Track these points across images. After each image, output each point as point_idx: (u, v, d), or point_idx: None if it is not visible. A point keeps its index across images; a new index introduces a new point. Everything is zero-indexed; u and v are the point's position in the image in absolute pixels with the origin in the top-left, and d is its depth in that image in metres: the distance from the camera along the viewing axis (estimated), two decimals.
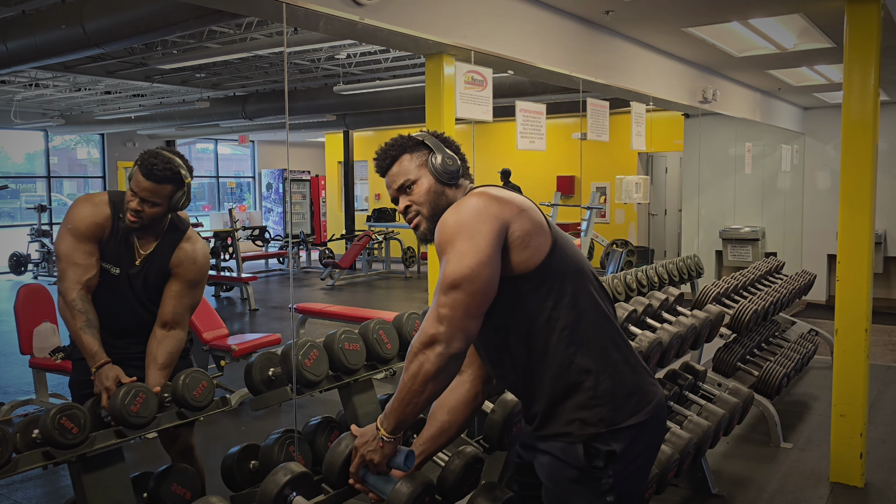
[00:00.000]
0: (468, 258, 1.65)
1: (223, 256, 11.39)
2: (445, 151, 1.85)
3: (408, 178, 1.84)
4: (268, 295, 10.64)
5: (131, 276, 2.60)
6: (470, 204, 1.71)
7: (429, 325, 1.67)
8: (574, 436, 1.72)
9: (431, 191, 1.83)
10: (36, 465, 2.08)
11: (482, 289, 1.66)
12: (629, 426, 1.73)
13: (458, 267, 1.65)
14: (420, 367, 1.68)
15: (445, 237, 1.69)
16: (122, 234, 2.57)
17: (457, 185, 1.87)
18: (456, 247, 1.66)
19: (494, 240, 1.67)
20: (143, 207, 2.47)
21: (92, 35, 5.33)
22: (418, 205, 1.84)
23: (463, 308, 1.65)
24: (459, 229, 1.68)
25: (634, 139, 5.46)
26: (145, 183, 2.44)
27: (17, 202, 14.84)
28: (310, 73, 9.40)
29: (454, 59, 3.82)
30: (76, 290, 2.46)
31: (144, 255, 2.60)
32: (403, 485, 2.11)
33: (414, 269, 12.78)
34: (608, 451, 1.71)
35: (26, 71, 8.86)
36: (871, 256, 3.71)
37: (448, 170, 1.83)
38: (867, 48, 3.61)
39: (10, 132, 13.77)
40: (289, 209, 16.28)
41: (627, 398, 1.75)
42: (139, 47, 7.46)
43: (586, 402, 1.72)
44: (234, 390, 5.09)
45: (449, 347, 1.65)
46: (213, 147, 17.70)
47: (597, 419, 1.71)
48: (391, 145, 1.87)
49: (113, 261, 2.57)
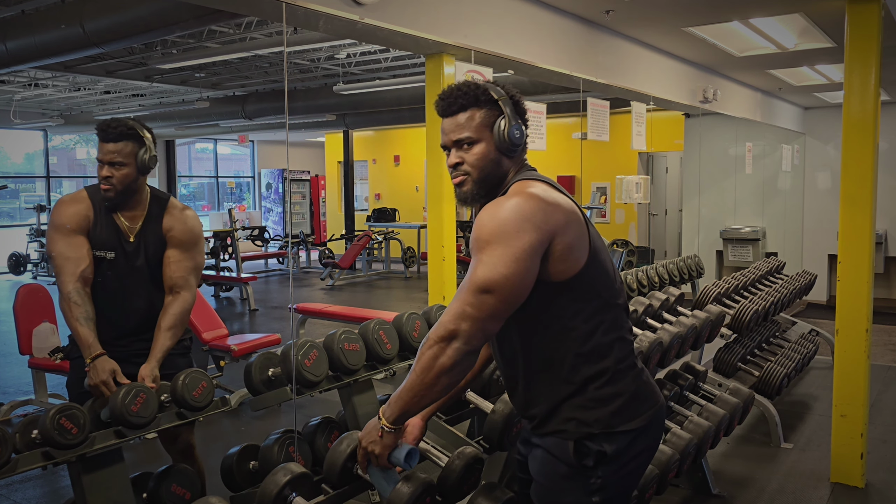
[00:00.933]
0: (503, 266, 1.60)
1: (223, 256, 11.39)
2: (515, 118, 1.76)
3: (469, 135, 1.74)
4: (267, 295, 10.63)
5: (129, 255, 2.61)
6: (516, 206, 1.64)
7: (450, 321, 1.63)
8: (568, 433, 1.72)
9: (488, 157, 1.75)
10: (35, 466, 2.07)
11: (512, 297, 1.63)
12: (624, 431, 1.72)
13: (492, 273, 1.61)
14: (434, 359, 1.63)
15: (484, 236, 1.64)
16: (106, 219, 2.59)
17: (515, 156, 1.78)
18: (493, 250, 1.62)
19: (534, 251, 1.63)
20: (113, 172, 2.52)
21: (91, 35, 5.32)
22: (470, 166, 1.75)
23: (489, 311, 1.62)
24: (500, 232, 1.62)
25: (635, 139, 5.45)
26: (107, 146, 2.50)
27: (16, 202, 14.84)
28: (309, 73, 9.39)
29: (454, 58, 3.82)
30: (72, 283, 2.49)
31: (137, 230, 2.62)
32: (404, 485, 2.10)
33: (414, 269, 12.78)
34: (599, 451, 1.71)
35: (26, 71, 8.85)
36: (871, 256, 3.70)
37: (514, 141, 1.74)
38: (868, 48, 3.61)
39: (9, 132, 13.76)
40: (288, 209, 16.27)
41: (626, 404, 1.74)
42: (139, 47, 7.45)
43: (585, 403, 1.72)
44: (233, 390, 5.08)
45: (468, 344, 1.62)
46: (212, 147, 17.68)
47: (592, 420, 1.71)
48: (463, 92, 1.75)
49: (105, 246, 2.58)
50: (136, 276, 2.63)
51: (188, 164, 17.68)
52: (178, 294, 2.65)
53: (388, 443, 1.74)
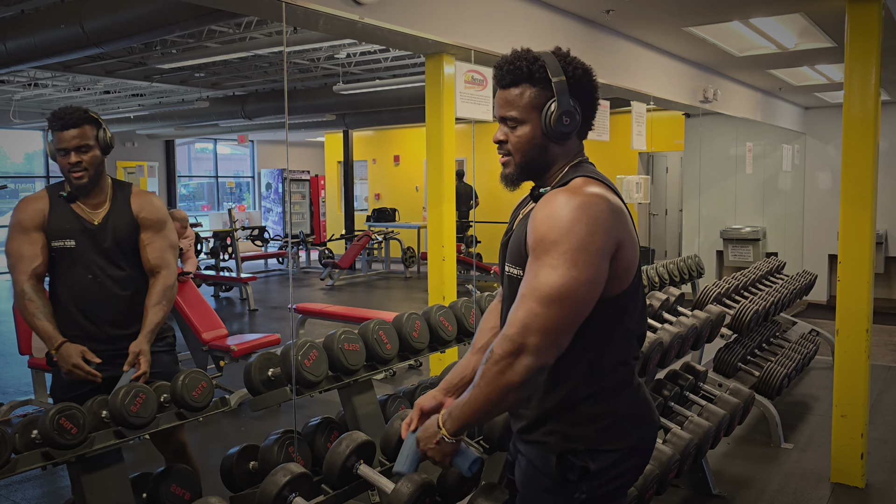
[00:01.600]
0: (576, 270, 1.46)
1: (222, 256, 11.38)
2: (569, 104, 1.58)
3: (515, 114, 1.61)
4: (267, 295, 10.63)
5: (96, 239, 2.58)
6: (583, 205, 1.50)
7: (516, 333, 1.48)
8: (551, 446, 1.65)
9: (533, 142, 1.62)
10: (35, 466, 2.07)
11: (584, 305, 1.50)
12: (610, 450, 1.64)
13: (566, 279, 1.46)
14: (501, 375, 1.48)
15: (549, 237, 1.49)
16: (64, 210, 2.57)
17: (565, 143, 1.64)
18: (565, 253, 1.47)
19: (606, 256, 1.51)
20: (80, 157, 2.52)
21: (91, 34, 5.32)
22: (513, 147, 1.64)
23: (559, 323, 1.48)
24: (568, 232, 1.47)
25: (635, 139, 5.45)
26: (69, 133, 2.51)
27: (16, 202, 14.81)
28: (309, 73, 9.39)
29: (454, 58, 3.82)
30: (25, 281, 2.50)
31: (104, 215, 2.60)
32: (404, 485, 2.10)
33: (414, 269, 12.77)
34: (582, 467, 1.62)
35: (25, 70, 8.85)
36: (872, 256, 3.70)
37: (561, 130, 1.59)
38: (868, 48, 3.60)
39: (9, 132, 13.76)
40: (288, 209, 16.27)
41: (615, 423, 1.65)
42: (138, 47, 7.44)
43: (574, 419, 1.64)
44: (233, 391, 5.08)
45: (538, 360, 1.48)
46: (212, 147, 17.68)
47: (578, 437, 1.63)
48: (517, 65, 1.60)
49: (64, 236, 2.56)
50: (104, 259, 2.59)
51: (188, 164, 17.67)
52: (159, 274, 2.67)
53: (447, 451, 1.62)
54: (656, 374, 3.58)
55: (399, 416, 2.41)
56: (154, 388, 2.36)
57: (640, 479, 2.65)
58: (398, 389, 3.11)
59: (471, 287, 10.10)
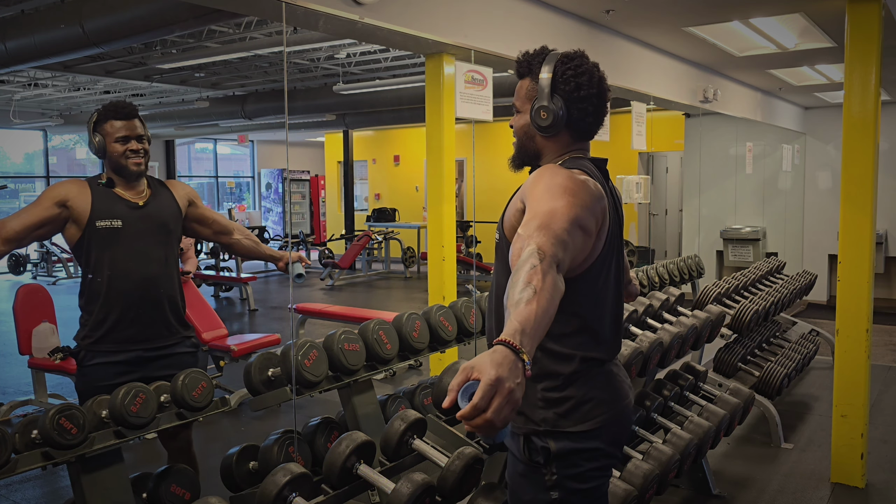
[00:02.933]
0: (567, 200, 1.53)
1: (222, 256, 11.38)
2: (549, 101, 1.69)
3: (516, 103, 1.78)
4: (267, 295, 10.63)
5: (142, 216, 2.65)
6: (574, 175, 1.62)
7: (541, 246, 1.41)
8: (516, 426, 1.71)
9: (524, 129, 1.77)
10: (35, 466, 2.07)
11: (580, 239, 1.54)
12: (572, 432, 1.68)
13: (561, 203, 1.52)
14: (555, 286, 1.36)
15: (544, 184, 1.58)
16: (107, 193, 2.63)
17: (552, 137, 1.74)
18: (554, 194, 1.54)
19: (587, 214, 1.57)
20: (141, 146, 2.64)
21: (91, 35, 5.32)
22: (514, 132, 1.79)
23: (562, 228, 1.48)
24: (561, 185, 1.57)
25: (635, 139, 5.45)
26: (133, 122, 2.62)
27: (16, 202, 14.83)
28: (309, 73, 9.39)
29: (454, 58, 3.82)
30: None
31: (146, 198, 2.69)
32: (404, 485, 2.10)
33: (414, 269, 12.77)
34: (543, 448, 1.68)
35: (25, 70, 8.85)
36: (872, 256, 3.70)
37: (538, 122, 1.71)
38: (868, 48, 3.60)
39: (9, 132, 13.76)
40: (288, 209, 16.28)
41: (576, 407, 1.68)
42: (138, 47, 7.44)
43: (533, 401, 1.69)
44: (233, 391, 5.08)
45: (561, 270, 1.43)
46: (212, 147, 17.68)
47: (539, 419, 1.69)
48: (526, 60, 1.75)
49: (111, 216, 2.61)
50: (150, 237, 2.66)
51: (188, 163, 17.67)
52: (233, 230, 2.96)
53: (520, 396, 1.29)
54: (656, 374, 3.58)
55: (399, 416, 2.41)
56: (154, 388, 2.36)
57: (640, 479, 2.65)
58: (398, 389, 3.11)
59: (471, 287, 10.10)
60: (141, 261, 2.63)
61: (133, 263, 2.61)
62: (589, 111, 1.71)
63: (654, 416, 3.21)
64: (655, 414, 3.22)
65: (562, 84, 1.68)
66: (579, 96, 1.69)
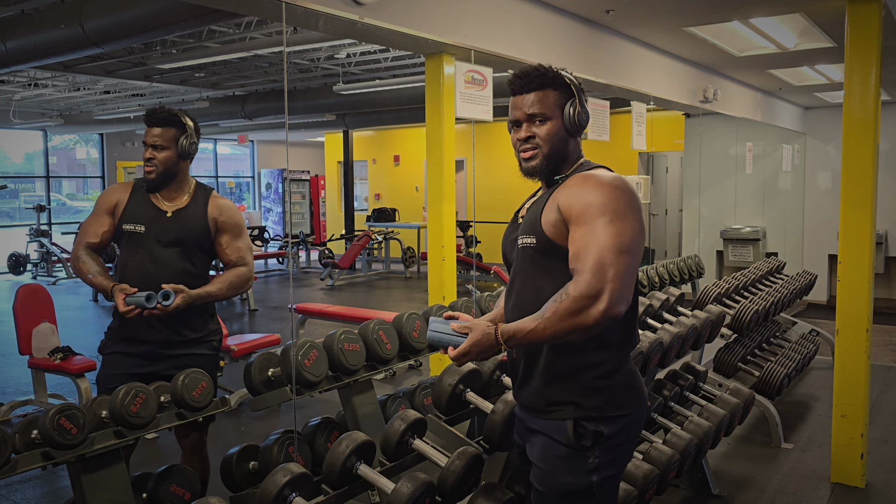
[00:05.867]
0: (631, 223, 1.71)
1: None
2: (584, 104, 1.88)
3: (543, 111, 1.85)
4: (267, 295, 10.63)
5: (164, 228, 2.70)
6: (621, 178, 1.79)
7: (594, 278, 1.66)
8: (566, 413, 1.81)
9: (558, 135, 1.86)
10: (35, 466, 2.07)
11: (640, 259, 1.74)
12: (618, 416, 1.82)
13: (628, 230, 1.70)
14: (576, 315, 1.66)
15: (603, 199, 1.72)
16: (143, 197, 2.74)
17: (577, 138, 1.91)
18: (616, 211, 1.71)
19: (642, 215, 1.79)
20: (155, 154, 2.68)
21: (91, 35, 5.32)
22: (541, 140, 1.86)
23: (631, 271, 1.69)
24: (618, 197, 1.73)
25: (635, 139, 5.45)
26: (153, 130, 2.68)
27: (16, 202, 14.83)
28: (309, 73, 9.39)
29: (454, 58, 3.82)
30: (80, 248, 2.71)
31: (177, 209, 2.73)
32: (404, 485, 2.10)
33: (414, 269, 12.77)
34: (595, 432, 1.80)
35: (25, 70, 8.85)
36: (872, 256, 3.70)
37: (581, 122, 1.87)
38: (868, 48, 3.60)
39: (9, 132, 13.76)
40: (288, 209, 16.26)
41: (618, 393, 1.84)
42: (138, 47, 7.44)
43: (584, 391, 1.81)
44: (233, 391, 5.08)
45: (614, 307, 1.66)
46: (212, 147, 17.68)
47: (590, 405, 1.81)
48: (541, 73, 1.87)
49: (136, 220, 2.70)
50: (168, 248, 2.69)
51: None
52: (237, 266, 2.82)
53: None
54: (656, 374, 3.58)
55: (399, 416, 2.41)
56: (154, 388, 2.36)
57: (640, 479, 2.65)
58: (398, 389, 3.11)
59: (471, 287, 10.10)
60: (159, 267, 2.66)
61: (151, 268, 2.66)
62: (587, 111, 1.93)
63: (654, 416, 3.21)
64: (655, 414, 3.22)
65: (578, 90, 1.88)
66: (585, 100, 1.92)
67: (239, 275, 2.79)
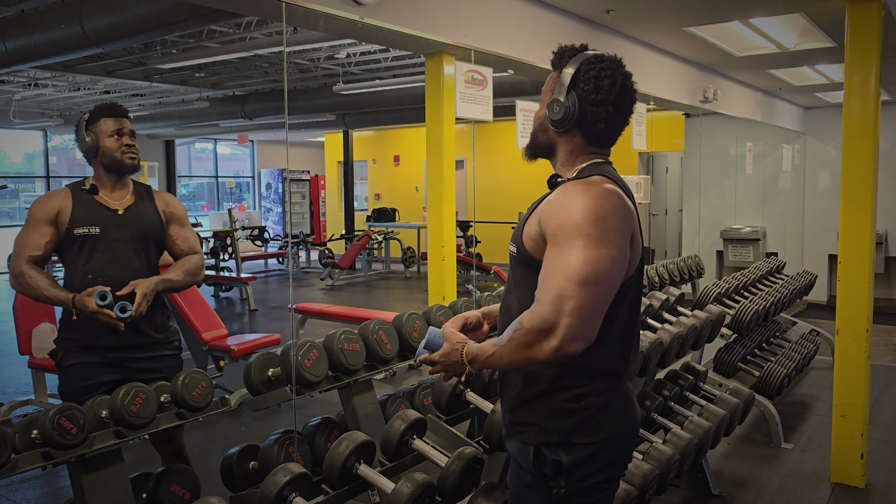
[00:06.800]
0: (606, 249, 1.50)
1: (222, 256, 11.38)
2: (564, 97, 1.66)
3: (542, 94, 1.77)
4: (267, 295, 10.63)
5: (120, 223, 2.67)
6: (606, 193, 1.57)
7: (549, 311, 1.47)
8: (527, 436, 1.67)
9: (539, 121, 1.75)
10: (35, 466, 2.07)
11: (613, 288, 1.54)
12: (585, 443, 1.64)
13: (597, 258, 1.49)
14: (527, 348, 1.50)
15: (577, 218, 1.52)
16: (88, 200, 2.68)
17: (564, 134, 1.71)
18: (590, 234, 1.50)
19: (626, 237, 1.57)
20: (133, 141, 2.72)
21: (91, 34, 5.32)
22: (532, 122, 1.79)
23: (594, 305, 1.49)
24: (595, 215, 1.52)
25: (635, 139, 5.45)
26: (124, 120, 2.71)
27: (16, 202, 14.83)
28: (309, 73, 9.39)
29: (454, 58, 3.82)
30: (23, 263, 2.59)
31: (127, 206, 2.72)
32: (403, 485, 2.10)
33: (414, 269, 12.77)
34: (554, 461, 1.64)
35: (25, 70, 8.85)
36: (872, 256, 3.70)
37: (550, 116, 1.69)
38: (868, 48, 3.60)
39: (9, 132, 13.76)
40: (288, 209, 16.26)
41: (592, 416, 1.65)
42: (138, 47, 7.44)
43: (551, 411, 1.65)
44: (233, 391, 5.08)
45: (568, 345, 1.47)
46: (212, 147, 17.67)
47: (554, 429, 1.64)
48: (559, 54, 1.72)
49: (89, 223, 2.64)
50: (127, 245, 2.67)
51: (188, 164, 17.67)
52: (190, 255, 2.82)
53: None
54: (656, 374, 3.58)
55: (399, 416, 2.41)
56: (154, 388, 2.36)
57: (640, 479, 2.65)
58: (398, 389, 3.11)
59: (471, 287, 10.10)
60: (118, 267, 2.62)
61: (110, 270, 2.61)
62: (602, 117, 1.66)
63: (654, 416, 3.21)
64: (655, 414, 3.22)
65: (582, 83, 1.65)
66: (595, 99, 1.65)
67: (193, 262, 2.80)
